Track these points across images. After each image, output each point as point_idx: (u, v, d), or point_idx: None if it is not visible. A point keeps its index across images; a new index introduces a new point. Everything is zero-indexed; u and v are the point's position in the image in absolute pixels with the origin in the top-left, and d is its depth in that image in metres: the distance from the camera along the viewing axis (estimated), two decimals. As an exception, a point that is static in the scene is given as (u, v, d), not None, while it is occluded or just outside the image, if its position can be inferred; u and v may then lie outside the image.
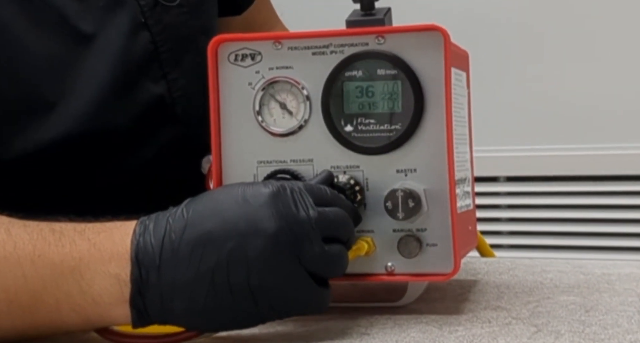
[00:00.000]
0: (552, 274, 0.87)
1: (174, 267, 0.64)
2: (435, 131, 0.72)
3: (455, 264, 0.71)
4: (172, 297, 0.64)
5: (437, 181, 0.72)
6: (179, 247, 0.65)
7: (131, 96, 0.89)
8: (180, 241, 0.65)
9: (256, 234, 0.64)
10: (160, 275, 0.64)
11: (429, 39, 0.71)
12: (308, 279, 0.66)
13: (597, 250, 2.18)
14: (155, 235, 0.65)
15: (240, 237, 0.64)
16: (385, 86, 0.72)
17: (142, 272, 0.65)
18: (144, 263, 0.65)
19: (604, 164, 2.16)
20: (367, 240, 0.73)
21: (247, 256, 0.64)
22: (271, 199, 0.65)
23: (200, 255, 0.64)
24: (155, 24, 0.92)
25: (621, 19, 2.18)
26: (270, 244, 0.64)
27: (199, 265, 0.64)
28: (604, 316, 0.72)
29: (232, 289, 0.64)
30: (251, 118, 0.75)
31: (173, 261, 0.64)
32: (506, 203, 2.26)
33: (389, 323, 0.72)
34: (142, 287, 0.65)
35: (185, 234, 0.65)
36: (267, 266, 0.64)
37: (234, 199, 0.66)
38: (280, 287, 0.65)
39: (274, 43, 0.74)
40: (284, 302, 0.65)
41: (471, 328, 0.69)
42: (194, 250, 0.64)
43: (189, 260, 0.64)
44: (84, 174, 0.88)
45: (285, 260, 0.64)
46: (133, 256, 0.65)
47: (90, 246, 0.66)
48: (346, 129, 0.73)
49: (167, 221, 0.66)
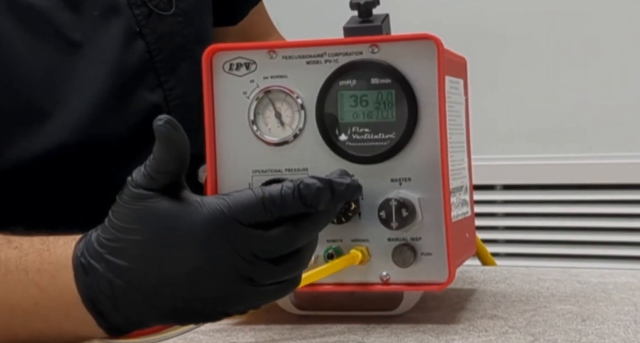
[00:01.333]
0: (549, 283, 0.87)
1: (135, 305, 0.65)
2: (430, 139, 0.71)
3: (450, 273, 0.71)
4: (140, 317, 0.65)
5: (431, 190, 0.72)
6: (130, 292, 0.64)
7: (127, 105, 0.89)
8: (128, 286, 0.64)
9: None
10: (121, 313, 0.65)
11: (423, 48, 0.71)
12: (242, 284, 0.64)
13: (593, 259, 2.18)
14: (100, 284, 0.65)
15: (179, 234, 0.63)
16: (379, 95, 0.72)
17: (105, 315, 0.65)
18: (103, 309, 0.65)
19: (601, 172, 2.16)
20: (362, 249, 0.72)
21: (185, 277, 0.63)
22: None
23: (154, 294, 0.64)
24: (150, 33, 0.92)
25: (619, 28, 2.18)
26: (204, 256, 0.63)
27: (153, 300, 0.64)
28: (600, 325, 0.72)
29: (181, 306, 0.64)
30: (246, 127, 0.75)
31: (132, 302, 0.65)
32: (503, 212, 2.26)
33: (385, 332, 0.72)
34: (110, 322, 0.66)
35: (131, 282, 0.64)
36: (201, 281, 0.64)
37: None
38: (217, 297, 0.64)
39: (269, 52, 0.74)
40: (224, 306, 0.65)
41: (468, 337, 0.69)
42: (148, 291, 0.64)
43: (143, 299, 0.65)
44: (79, 184, 0.88)
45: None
46: (89, 305, 0.65)
47: (40, 292, 0.67)
48: (340, 138, 0.73)
49: (105, 270, 0.65)
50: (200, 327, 0.70)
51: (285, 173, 0.74)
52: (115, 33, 0.90)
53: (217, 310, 0.65)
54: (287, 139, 0.74)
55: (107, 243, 0.65)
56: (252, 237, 0.63)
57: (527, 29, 2.24)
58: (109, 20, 0.90)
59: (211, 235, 0.63)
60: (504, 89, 2.26)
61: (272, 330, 0.73)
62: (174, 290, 0.64)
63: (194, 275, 0.63)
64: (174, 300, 0.64)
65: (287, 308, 0.77)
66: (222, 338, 0.72)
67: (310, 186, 0.63)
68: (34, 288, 0.67)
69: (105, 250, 0.65)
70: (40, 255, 0.68)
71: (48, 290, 0.67)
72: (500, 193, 2.26)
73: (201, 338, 0.72)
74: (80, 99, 0.86)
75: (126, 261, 0.64)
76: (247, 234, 0.63)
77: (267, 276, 0.64)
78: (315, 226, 0.65)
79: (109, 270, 0.64)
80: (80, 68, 0.87)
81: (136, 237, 0.64)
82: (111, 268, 0.64)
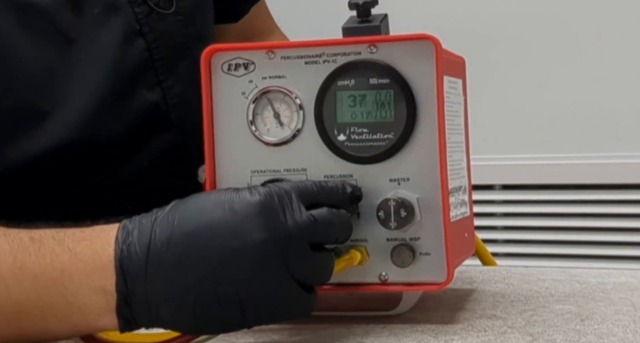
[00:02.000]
0: (548, 283, 0.87)
1: (161, 278, 0.64)
2: (428, 140, 0.71)
3: (449, 273, 0.71)
4: (159, 306, 0.64)
5: (430, 190, 0.72)
6: (165, 257, 0.64)
7: (126, 104, 0.89)
8: (167, 251, 0.64)
9: (244, 247, 0.64)
10: (146, 285, 0.64)
11: (421, 48, 0.71)
12: (295, 287, 0.65)
13: (592, 259, 2.18)
14: (139, 243, 0.64)
15: (228, 249, 0.64)
16: (378, 95, 0.72)
17: (128, 282, 0.64)
18: (129, 273, 0.64)
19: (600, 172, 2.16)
20: (361, 249, 0.72)
21: (235, 269, 0.64)
22: (259, 209, 0.65)
23: (187, 266, 0.64)
24: (150, 32, 0.92)
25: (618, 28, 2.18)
26: (258, 256, 0.64)
27: (186, 276, 0.64)
28: (599, 325, 0.72)
29: (220, 300, 0.64)
30: (245, 128, 0.75)
31: (159, 271, 0.64)
32: (502, 212, 2.26)
33: (384, 332, 0.72)
34: (128, 297, 0.64)
35: (171, 244, 0.64)
36: (255, 279, 0.64)
37: (221, 209, 0.65)
38: (268, 298, 0.65)
39: (267, 52, 0.74)
40: (271, 311, 0.65)
41: (467, 337, 0.69)
42: (180, 260, 0.64)
43: (176, 271, 0.64)
44: (78, 183, 0.88)
45: (273, 271, 0.64)
46: (117, 266, 0.64)
47: (72, 257, 0.65)
48: (339, 138, 0.73)
49: (152, 229, 0.65)
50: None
51: (284, 173, 0.74)
52: (115, 31, 0.90)
53: (248, 318, 0.65)
54: (286, 139, 0.74)
55: (160, 213, 0.65)
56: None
57: (526, 29, 2.24)
58: (109, 19, 0.90)
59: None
60: (504, 89, 2.26)
61: (271, 330, 0.73)
62: (208, 270, 0.63)
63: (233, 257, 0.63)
64: (204, 281, 0.63)
65: (286, 309, 0.77)
66: (221, 338, 0.72)
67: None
68: (66, 255, 0.65)
69: (155, 219, 0.65)
70: (81, 229, 0.67)
71: (81, 253, 0.65)
72: (499, 193, 2.26)
73: (199, 338, 0.72)
74: (79, 97, 0.86)
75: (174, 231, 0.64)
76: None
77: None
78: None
79: (153, 234, 0.64)
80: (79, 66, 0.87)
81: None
82: (156, 234, 0.64)
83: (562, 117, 2.22)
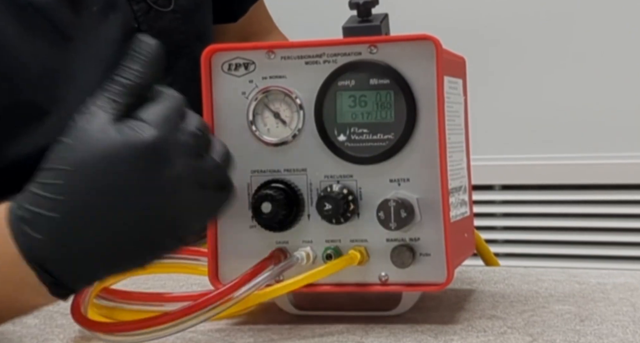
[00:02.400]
0: (547, 283, 0.87)
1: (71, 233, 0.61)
2: (428, 140, 0.71)
3: (449, 274, 0.71)
4: (82, 249, 0.61)
5: (430, 191, 0.72)
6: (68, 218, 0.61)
7: None
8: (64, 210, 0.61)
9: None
10: (60, 245, 0.61)
11: (421, 48, 0.71)
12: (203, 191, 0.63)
13: (592, 259, 2.18)
14: (38, 229, 0.61)
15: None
16: (378, 96, 0.72)
17: (52, 272, 0.61)
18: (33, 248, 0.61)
19: (600, 173, 2.16)
20: (361, 249, 0.72)
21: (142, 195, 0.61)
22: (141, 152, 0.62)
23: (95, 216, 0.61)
24: (148, 30, 0.92)
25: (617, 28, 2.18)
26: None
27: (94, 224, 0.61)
28: (599, 326, 0.72)
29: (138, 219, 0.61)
30: (245, 127, 0.75)
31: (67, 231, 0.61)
32: (501, 212, 2.26)
33: (384, 332, 0.72)
34: (45, 259, 0.62)
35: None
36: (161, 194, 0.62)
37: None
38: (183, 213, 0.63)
39: (267, 52, 0.74)
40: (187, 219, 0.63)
41: (466, 338, 0.69)
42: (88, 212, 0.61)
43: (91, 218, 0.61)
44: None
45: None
46: (32, 264, 0.61)
47: None
48: (339, 138, 0.73)
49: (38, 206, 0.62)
50: (199, 327, 0.70)
51: (284, 173, 0.74)
52: (114, 29, 0.90)
53: (170, 231, 0.62)
54: (286, 139, 0.74)
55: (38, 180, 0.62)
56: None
57: (526, 30, 2.24)
58: (108, 17, 0.90)
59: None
60: (504, 88, 2.26)
61: (271, 330, 0.73)
62: (116, 210, 0.60)
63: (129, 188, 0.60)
64: (115, 220, 0.61)
65: (285, 309, 0.77)
66: (221, 338, 0.72)
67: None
68: None
69: (36, 186, 0.62)
70: None
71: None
72: (499, 193, 2.26)
73: (200, 338, 0.72)
74: (78, 95, 0.86)
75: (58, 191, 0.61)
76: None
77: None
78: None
79: (42, 205, 0.61)
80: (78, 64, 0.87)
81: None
82: (43, 204, 0.61)
83: (562, 118, 2.22)
